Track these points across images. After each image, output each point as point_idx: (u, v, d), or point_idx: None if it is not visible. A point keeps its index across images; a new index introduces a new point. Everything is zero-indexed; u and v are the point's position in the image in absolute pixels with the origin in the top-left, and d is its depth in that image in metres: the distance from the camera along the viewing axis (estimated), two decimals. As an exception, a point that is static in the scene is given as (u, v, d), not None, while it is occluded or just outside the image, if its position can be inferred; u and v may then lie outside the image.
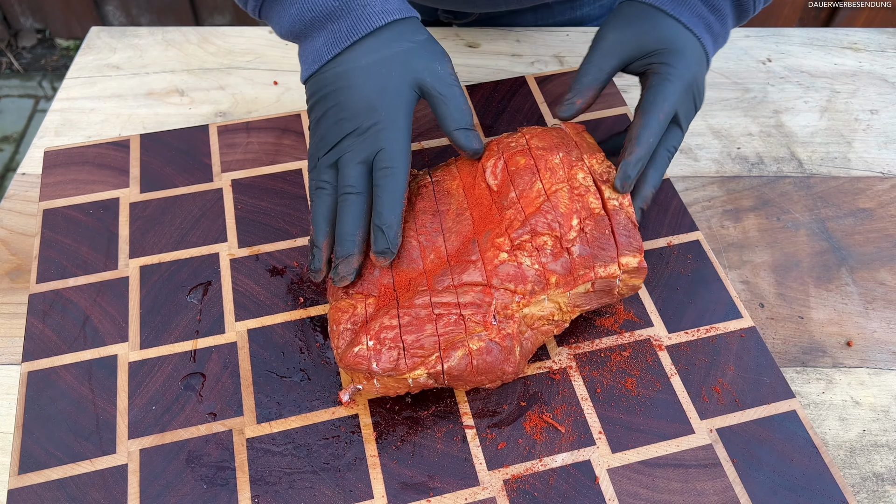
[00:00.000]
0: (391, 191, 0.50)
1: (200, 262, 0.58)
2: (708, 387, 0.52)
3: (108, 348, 0.54)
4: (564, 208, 0.50)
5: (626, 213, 0.50)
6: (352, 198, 0.50)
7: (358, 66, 0.52)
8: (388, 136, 0.50)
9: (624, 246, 0.50)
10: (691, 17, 0.55)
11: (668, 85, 0.53)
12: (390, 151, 0.50)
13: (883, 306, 0.59)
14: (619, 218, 0.50)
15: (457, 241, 0.51)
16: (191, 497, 0.47)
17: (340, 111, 0.51)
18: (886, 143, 0.71)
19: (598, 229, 0.50)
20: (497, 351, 0.48)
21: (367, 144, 0.51)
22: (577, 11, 0.85)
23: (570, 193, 0.50)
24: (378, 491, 0.48)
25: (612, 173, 0.52)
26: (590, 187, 0.51)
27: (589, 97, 0.54)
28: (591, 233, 0.50)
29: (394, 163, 0.50)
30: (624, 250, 0.50)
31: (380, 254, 0.50)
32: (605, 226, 0.50)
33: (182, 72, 0.76)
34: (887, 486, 0.50)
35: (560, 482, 0.48)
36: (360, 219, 0.51)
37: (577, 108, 0.54)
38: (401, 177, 0.50)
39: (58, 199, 0.62)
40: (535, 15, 0.85)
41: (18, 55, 2.06)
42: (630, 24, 0.55)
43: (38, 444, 0.49)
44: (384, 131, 0.50)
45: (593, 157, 0.53)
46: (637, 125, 0.52)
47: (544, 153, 0.52)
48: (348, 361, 0.47)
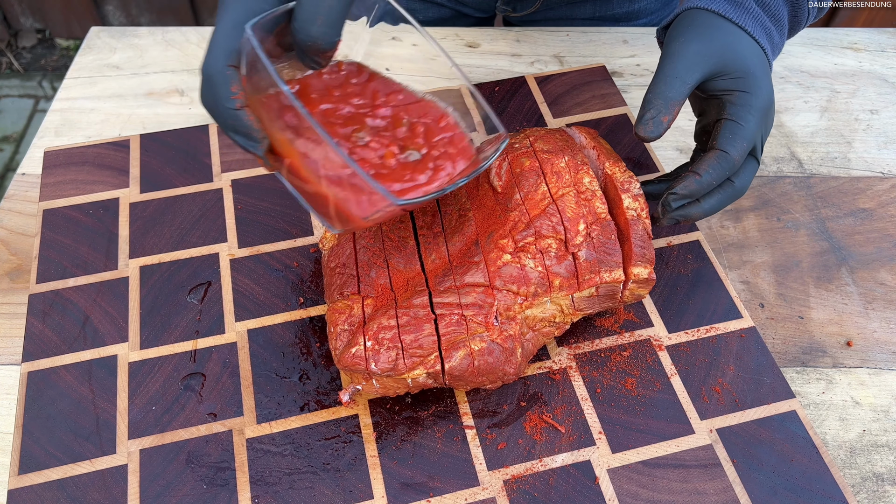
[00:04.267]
0: (209, 98, 0.43)
1: (200, 262, 0.58)
2: (708, 387, 0.52)
3: (108, 348, 0.54)
4: (571, 213, 0.50)
5: (644, 225, 0.50)
6: None
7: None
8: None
9: (638, 256, 0.50)
10: (756, 27, 0.53)
11: (748, 117, 0.50)
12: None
13: (883, 306, 0.59)
14: (637, 228, 0.50)
15: (459, 242, 0.51)
16: (191, 497, 0.47)
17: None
18: (886, 143, 0.71)
19: (605, 234, 0.50)
20: (498, 352, 0.48)
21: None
22: (635, 4, 0.85)
23: (577, 198, 0.50)
24: (378, 491, 0.48)
25: (634, 182, 0.52)
26: (596, 192, 0.51)
27: (674, 112, 0.50)
28: (597, 238, 0.49)
29: None
30: (637, 260, 0.50)
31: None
32: (611, 231, 0.50)
33: (182, 72, 0.76)
34: (887, 486, 0.50)
35: (560, 482, 0.48)
36: None
37: (664, 127, 0.49)
38: (215, 81, 0.43)
39: (58, 200, 0.62)
40: (594, 6, 0.84)
41: (18, 55, 2.06)
42: (707, 36, 0.52)
43: (38, 445, 0.49)
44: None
45: (616, 165, 0.53)
46: (708, 160, 0.50)
47: (550, 156, 0.52)
48: (346, 362, 0.47)
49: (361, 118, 0.48)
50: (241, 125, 0.43)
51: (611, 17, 0.86)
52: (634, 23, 0.87)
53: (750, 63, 0.52)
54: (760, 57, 0.53)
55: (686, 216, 0.51)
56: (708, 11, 0.53)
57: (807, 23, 0.57)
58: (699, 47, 0.51)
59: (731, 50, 0.52)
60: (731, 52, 0.52)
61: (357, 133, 0.47)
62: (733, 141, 0.50)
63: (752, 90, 0.51)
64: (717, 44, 0.51)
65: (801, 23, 0.56)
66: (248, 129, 0.43)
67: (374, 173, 0.45)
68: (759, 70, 0.52)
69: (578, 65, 0.76)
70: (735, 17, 0.52)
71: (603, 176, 0.53)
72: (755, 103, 0.51)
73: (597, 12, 0.85)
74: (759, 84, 0.51)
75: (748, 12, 0.53)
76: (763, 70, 0.52)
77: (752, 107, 0.51)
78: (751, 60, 0.52)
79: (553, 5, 0.84)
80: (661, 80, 0.50)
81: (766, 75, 0.52)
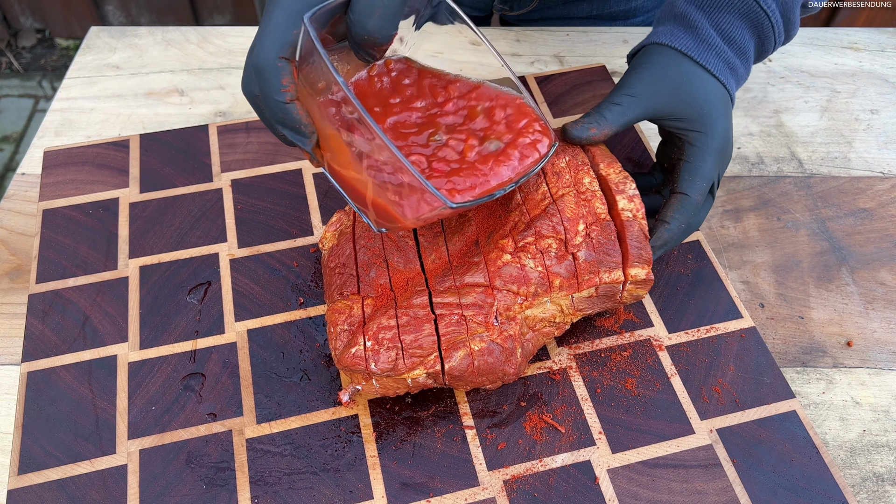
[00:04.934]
0: (260, 91, 0.43)
1: (200, 263, 0.58)
2: (708, 387, 0.52)
3: (108, 348, 0.54)
4: (571, 213, 0.50)
5: (640, 225, 0.50)
6: None
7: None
8: None
9: (634, 257, 0.50)
10: (717, 63, 0.54)
11: (705, 157, 0.52)
12: None
13: (883, 306, 0.59)
14: (633, 230, 0.50)
15: (459, 242, 0.51)
16: (190, 497, 0.47)
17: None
18: (886, 143, 0.71)
19: (604, 235, 0.50)
20: (498, 352, 0.48)
21: None
22: (632, 2, 0.85)
23: (577, 198, 0.50)
24: (378, 491, 0.48)
25: (629, 184, 0.52)
26: (596, 192, 0.51)
27: (604, 132, 0.52)
28: (596, 238, 0.49)
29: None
30: (634, 261, 0.50)
31: None
32: (610, 231, 0.50)
33: (182, 72, 0.76)
34: (887, 487, 0.50)
35: (560, 482, 0.48)
36: None
37: (589, 135, 0.52)
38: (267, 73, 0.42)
39: (57, 199, 0.62)
40: (591, 4, 0.84)
41: (18, 55, 2.05)
42: (661, 77, 0.53)
43: (38, 445, 0.49)
44: None
45: (611, 166, 0.52)
46: (672, 206, 0.52)
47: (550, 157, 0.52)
48: (346, 363, 0.47)
49: (433, 120, 0.47)
50: (290, 119, 0.42)
51: (608, 15, 0.86)
52: (631, 21, 0.87)
53: (705, 103, 0.53)
54: (720, 94, 0.54)
55: (663, 247, 0.53)
56: (670, 48, 0.54)
57: (773, 50, 0.57)
58: (647, 88, 0.52)
59: (686, 91, 0.53)
60: (686, 93, 0.53)
61: (433, 137, 0.47)
62: (692, 183, 0.52)
63: (707, 131, 0.52)
64: (668, 85, 0.53)
65: (767, 51, 0.57)
66: (297, 124, 0.43)
67: (450, 170, 0.45)
68: (717, 108, 0.53)
69: (578, 64, 0.76)
70: (696, 55, 0.53)
71: (598, 177, 0.52)
72: (711, 144, 0.52)
73: (594, 10, 0.85)
74: (714, 124, 0.53)
75: (711, 49, 0.54)
76: (721, 107, 0.53)
77: (709, 148, 0.52)
78: (707, 100, 0.53)
79: (550, 4, 0.84)
80: (606, 102, 0.53)
81: (723, 114, 0.53)
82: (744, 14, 0.53)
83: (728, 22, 0.54)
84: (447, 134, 0.47)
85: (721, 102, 0.54)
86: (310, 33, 0.40)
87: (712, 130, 0.53)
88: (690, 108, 0.53)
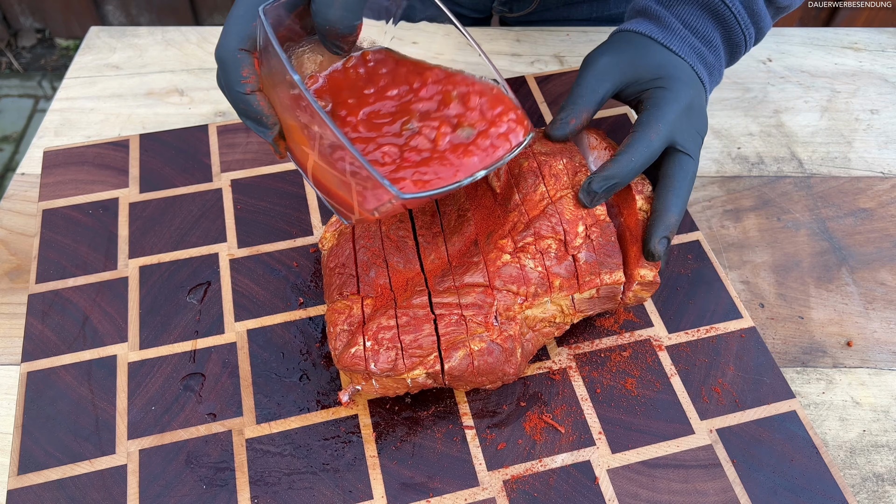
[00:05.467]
0: (221, 82, 0.44)
1: (200, 263, 0.58)
2: (708, 387, 0.52)
3: (108, 348, 0.54)
4: (570, 215, 0.49)
5: None
6: None
7: None
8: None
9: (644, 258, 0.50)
10: (682, 47, 0.54)
11: (664, 105, 0.51)
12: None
13: (883, 306, 0.59)
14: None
15: (458, 242, 0.51)
16: (190, 498, 0.47)
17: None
18: (887, 143, 0.71)
19: (604, 236, 0.50)
20: (498, 352, 0.47)
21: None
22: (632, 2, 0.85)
23: (575, 199, 0.50)
24: (378, 491, 0.48)
25: (646, 185, 0.52)
26: None
27: (583, 118, 0.52)
28: (596, 240, 0.49)
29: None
30: (644, 263, 0.50)
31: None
32: (610, 233, 0.50)
33: (182, 71, 0.76)
34: (887, 487, 0.50)
35: (560, 483, 0.48)
36: None
37: (570, 128, 0.52)
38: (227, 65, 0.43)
39: (57, 200, 0.62)
40: (590, 7, 0.84)
41: (18, 55, 2.05)
42: (623, 50, 0.54)
43: (38, 445, 0.49)
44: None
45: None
46: (623, 145, 0.50)
47: (548, 158, 0.52)
48: (345, 363, 0.47)
49: (407, 108, 0.46)
50: (251, 110, 0.43)
51: (608, 17, 0.86)
52: None
53: (669, 69, 0.53)
54: (686, 69, 0.54)
55: (669, 230, 0.50)
56: (635, 33, 0.55)
57: (748, 45, 0.57)
58: (610, 59, 0.53)
59: (648, 59, 0.53)
60: (648, 60, 0.53)
61: (406, 126, 0.46)
62: (647, 122, 0.51)
63: (669, 88, 0.52)
64: (629, 56, 0.53)
65: (739, 45, 0.56)
66: (258, 115, 0.43)
67: (420, 160, 0.44)
68: (682, 77, 0.53)
69: (578, 64, 0.76)
70: (661, 38, 0.54)
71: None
72: (672, 97, 0.52)
73: (594, 13, 0.85)
74: (676, 83, 0.52)
75: (674, 33, 0.55)
76: (687, 77, 0.53)
77: (669, 100, 0.51)
78: (671, 68, 0.53)
79: (550, 6, 0.84)
80: (574, 89, 0.53)
81: (689, 80, 0.53)
82: (702, 5, 0.55)
83: (688, 13, 0.55)
84: (420, 121, 0.46)
85: (688, 78, 0.53)
86: (264, 24, 0.40)
87: (674, 88, 0.52)
88: (652, 70, 0.53)
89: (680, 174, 0.51)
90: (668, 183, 0.51)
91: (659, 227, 0.49)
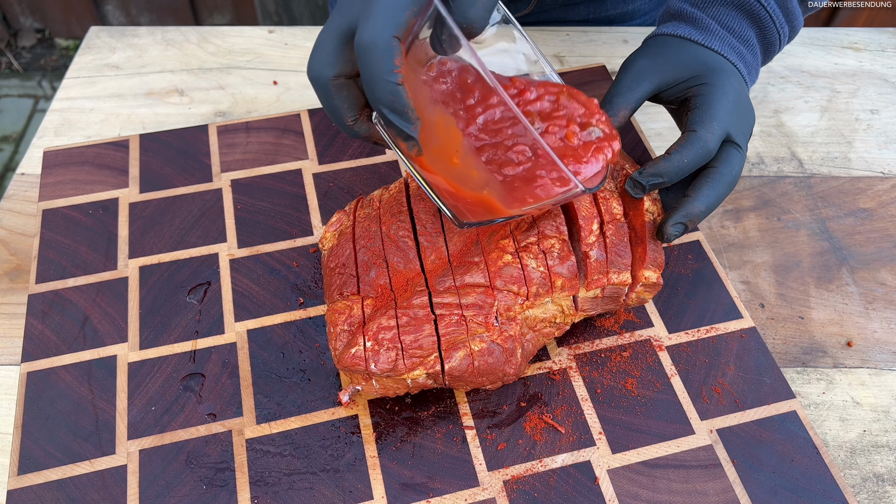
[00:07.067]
0: (368, 70, 0.40)
1: (200, 263, 0.58)
2: (708, 387, 0.52)
3: (108, 349, 0.54)
4: (586, 211, 0.49)
5: None
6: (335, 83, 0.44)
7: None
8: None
9: (650, 259, 0.50)
10: (723, 46, 0.54)
11: (714, 102, 0.50)
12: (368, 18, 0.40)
13: (883, 306, 0.59)
14: (653, 232, 0.50)
15: (459, 242, 0.51)
16: (190, 498, 0.47)
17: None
18: (887, 143, 0.71)
19: (618, 236, 0.50)
20: (499, 352, 0.47)
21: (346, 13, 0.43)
22: (629, 5, 0.85)
23: (593, 196, 0.50)
24: (378, 492, 0.48)
25: None
26: (614, 192, 0.51)
27: (620, 116, 0.51)
28: (610, 238, 0.49)
29: (368, 35, 0.40)
30: (649, 264, 0.50)
31: (400, 139, 0.42)
32: (623, 233, 0.50)
33: (182, 71, 0.76)
34: (887, 487, 0.50)
35: (560, 483, 0.48)
36: (352, 106, 0.45)
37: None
38: (379, 52, 0.40)
39: (57, 200, 0.62)
40: (588, 7, 0.84)
41: (18, 55, 2.05)
42: (660, 53, 0.54)
43: (38, 445, 0.49)
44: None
45: (634, 167, 0.53)
46: (678, 142, 0.50)
47: None
48: (346, 363, 0.47)
49: (522, 110, 0.46)
50: (400, 102, 0.40)
51: (605, 18, 0.86)
52: (629, 23, 0.87)
53: (710, 65, 0.53)
54: (727, 66, 0.53)
55: (687, 215, 0.49)
56: (671, 36, 0.55)
57: (782, 43, 0.57)
58: (648, 62, 0.53)
59: (688, 58, 0.53)
60: (687, 59, 0.53)
61: (533, 126, 0.45)
62: (701, 121, 0.50)
63: (715, 83, 0.51)
64: (667, 56, 0.53)
65: (772, 43, 0.56)
66: (405, 107, 0.40)
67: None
68: (725, 71, 0.52)
69: (578, 65, 0.76)
70: (700, 38, 0.54)
71: (622, 177, 0.53)
72: (720, 92, 0.51)
73: (591, 14, 0.85)
74: (722, 77, 0.52)
75: (712, 34, 0.54)
76: (731, 71, 0.53)
77: (718, 95, 0.51)
78: (712, 64, 0.53)
79: (547, 7, 0.84)
80: (611, 89, 0.52)
81: (733, 74, 0.53)
82: (737, 5, 0.55)
83: (724, 13, 0.55)
84: (544, 121, 0.45)
85: (732, 72, 0.53)
86: (442, 13, 0.39)
87: (721, 83, 0.51)
88: (694, 69, 0.52)
89: (724, 167, 0.50)
90: (709, 173, 0.50)
91: (681, 211, 0.49)
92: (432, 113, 0.41)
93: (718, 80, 0.52)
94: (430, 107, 0.41)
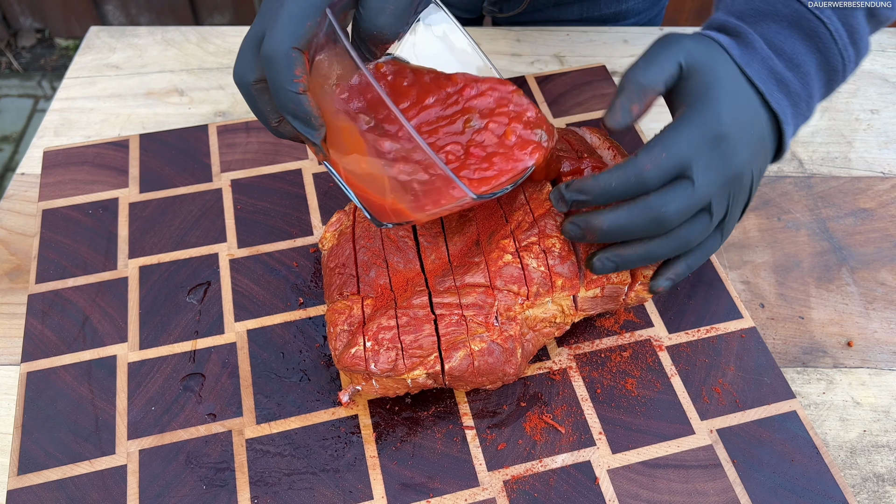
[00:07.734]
0: (271, 80, 0.42)
1: (200, 263, 0.58)
2: (708, 387, 0.52)
3: (108, 349, 0.54)
4: None
5: None
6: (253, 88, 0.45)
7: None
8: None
9: None
10: (761, 70, 0.46)
11: (678, 133, 0.43)
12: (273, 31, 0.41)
13: (883, 306, 0.59)
14: None
15: (459, 242, 0.51)
16: (190, 498, 0.47)
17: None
18: (887, 143, 0.71)
19: None
20: (499, 352, 0.47)
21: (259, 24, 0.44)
22: (622, 5, 0.84)
23: None
24: (378, 492, 0.48)
25: None
26: None
27: (645, 102, 0.43)
28: None
29: (272, 47, 0.41)
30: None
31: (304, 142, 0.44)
32: None
33: (181, 71, 0.76)
34: (888, 487, 0.50)
35: (560, 483, 0.48)
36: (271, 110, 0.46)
37: (633, 116, 0.43)
38: (280, 62, 0.41)
39: (57, 199, 0.62)
40: (581, 7, 0.84)
41: (18, 55, 2.05)
42: (698, 38, 0.46)
43: (38, 445, 0.49)
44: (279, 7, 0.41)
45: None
46: (620, 162, 0.44)
47: (560, 155, 0.52)
48: (345, 363, 0.47)
49: (463, 107, 0.46)
50: (301, 110, 0.42)
51: (598, 17, 0.85)
52: (623, 23, 0.87)
53: (714, 78, 0.44)
54: (740, 93, 0.45)
55: (586, 224, 0.45)
56: (710, 38, 0.47)
57: (847, 70, 0.48)
58: (679, 37, 0.45)
59: (703, 58, 0.45)
60: (703, 62, 0.45)
61: (469, 123, 0.46)
62: (649, 147, 0.43)
63: (696, 106, 0.44)
64: (692, 49, 0.45)
65: (836, 70, 0.47)
66: (308, 115, 0.42)
67: (485, 154, 0.44)
68: (719, 95, 0.44)
69: (578, 64, 0.76)
70: (737, 55, 0.46)
71: None
72: (698, 120, 0.43)
73: (585, 13, 0.85)
74: (710, 106, 0.43)
75: (755, 53, 0.46)
76: (731, 100, 0.44)
77: (689, 123, 0.43)
78: (719, 78, 0.44)
79: (540, 6, 0.84)
80: (637, 63, 0.45)
81: (731, 106, 0.44)
82: (792, 21, 0.46)
83: (774, 31, 0.46)
84: (483, 118, 0.46)
85: (732, 99, 0.44)
86: (333, 24, 0.40)
87: (700, 112, 0.43)
88: (698, 76, 0.44)
89: (658, 198, 0.43)
90: (639, 199, 0.43)
91: (584, 220, 0.45)
92: (340, 119, 0.43)
93: (699, 105, 0.44)
94: (338, 113, 0.43)
